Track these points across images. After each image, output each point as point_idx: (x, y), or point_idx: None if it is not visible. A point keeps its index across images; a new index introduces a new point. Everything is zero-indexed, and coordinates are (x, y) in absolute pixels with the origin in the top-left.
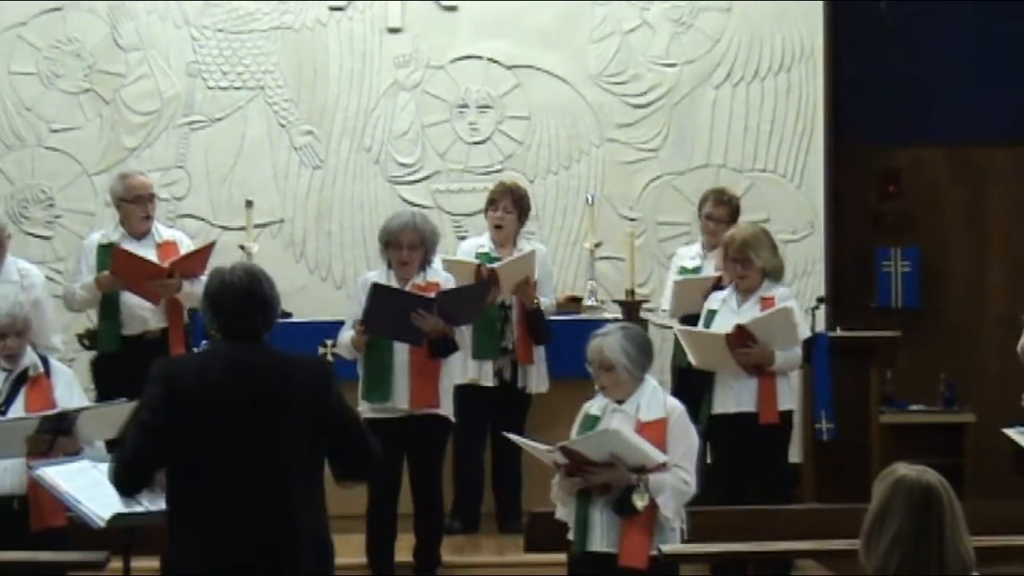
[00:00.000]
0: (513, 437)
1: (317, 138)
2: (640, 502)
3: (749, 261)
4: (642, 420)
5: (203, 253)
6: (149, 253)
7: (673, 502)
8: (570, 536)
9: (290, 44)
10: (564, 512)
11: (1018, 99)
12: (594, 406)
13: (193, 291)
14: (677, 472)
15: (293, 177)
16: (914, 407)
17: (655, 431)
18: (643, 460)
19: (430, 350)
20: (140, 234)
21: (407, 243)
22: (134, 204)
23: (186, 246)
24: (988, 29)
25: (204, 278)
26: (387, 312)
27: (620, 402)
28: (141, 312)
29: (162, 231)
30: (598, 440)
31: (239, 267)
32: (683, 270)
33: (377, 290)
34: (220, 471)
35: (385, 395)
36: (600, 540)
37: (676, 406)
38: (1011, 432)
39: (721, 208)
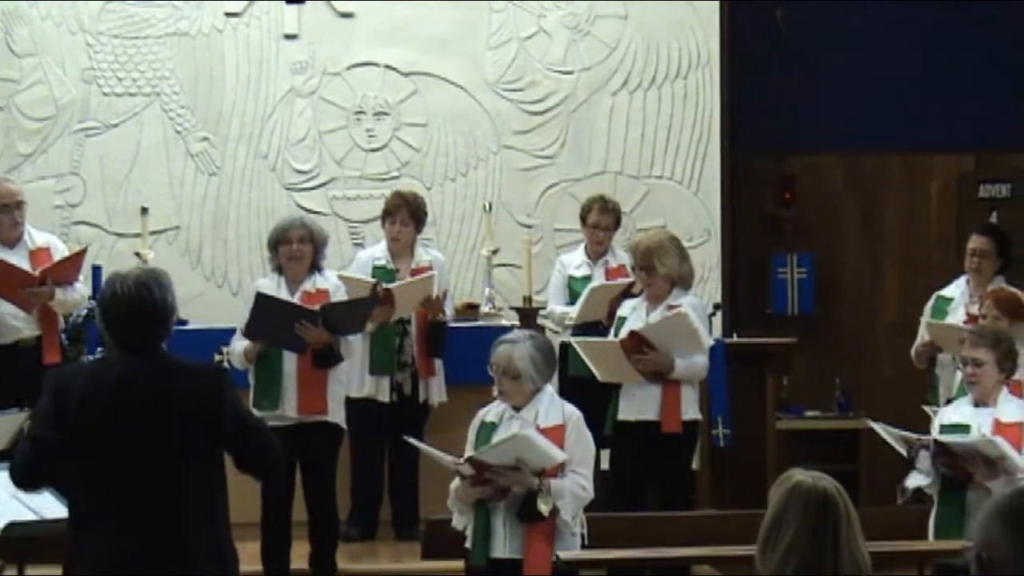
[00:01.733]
0: (420, 445)
1: (213, 145)
2: (545, 506)
3: (653, 269)
4: (541, 426)
5: (75, 260)
6: (22, 259)
7: (572, 507)
8: (467, 545)
9: (186, 50)
10: (461, 520)
11: (911, 107)
12: (490, 413)
13: (66, 298)
14: (575, 478)
15: (189, 184)
16: (810, 413)
17: (553, 437)
18: (546, 462)
19: (314, 360)
20: (11, 241)
21: (297, 237)
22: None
23: (60, 252)
24: (882, 38)
25: (79, 285)
26: (270, 321)
27: (518, 409)
28: (14, 322)
29: (35, 237)
30: (506, 447)
31: (132, 275)
32: (573, 280)
33: (260, 300)
34: (112, 483)
35: (275, 403)
36: (503, 547)
37: (573, 412)
38: (877, 426)
39: (607, 216)
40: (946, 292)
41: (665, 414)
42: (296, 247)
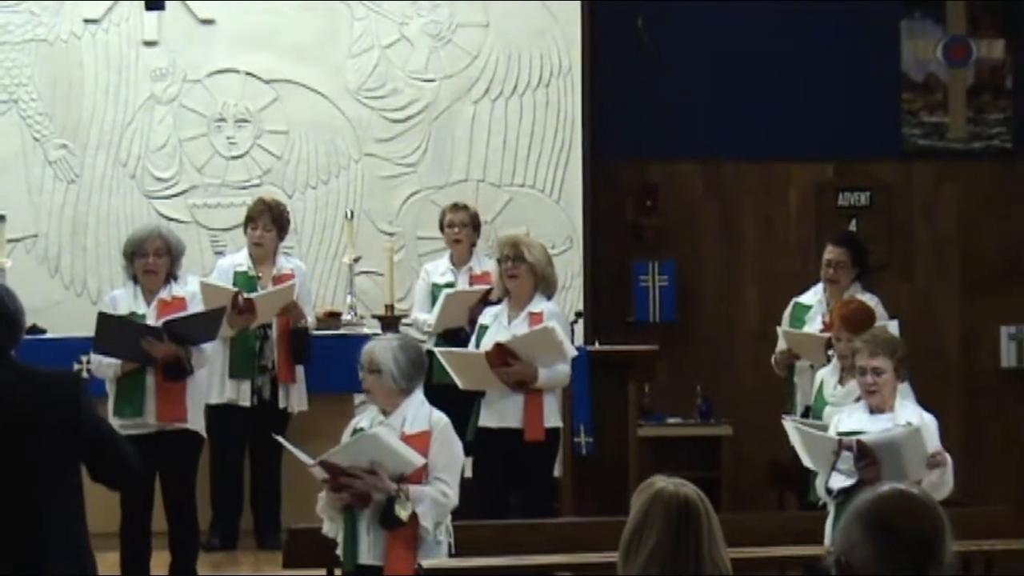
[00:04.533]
0: (286, 443)
1: (72, 152)
2: (403, 512)
3: (521, 257)
4: (407, 433)
5: None
6: None
7: (432, 513)
8: (338, 552)
9: (44, 57)
10: (331, 527)
11: (770, 115)
12: (361, 420)
13: None
14: (437, 484)
15: (47, 191)
16: (671, 420)
17: (419, 443)
18: (402, 466)
19: (164, 374)
20: None
21: (153, 250)
22: None
23: None
24: (741, 48)
25: None
26: (115, 339)
27: (387, 414)
28: None
29: None
30: (357, 447)
31: None
32: (436, 287)
33: (102, 319)
34: None
35: (138, 410)
36: (367, 554)
37: (441, 419)
38: (789, 426)
39: (460, 212)
40: (803, 299)
41: (528, 422)
42: (152, 260)
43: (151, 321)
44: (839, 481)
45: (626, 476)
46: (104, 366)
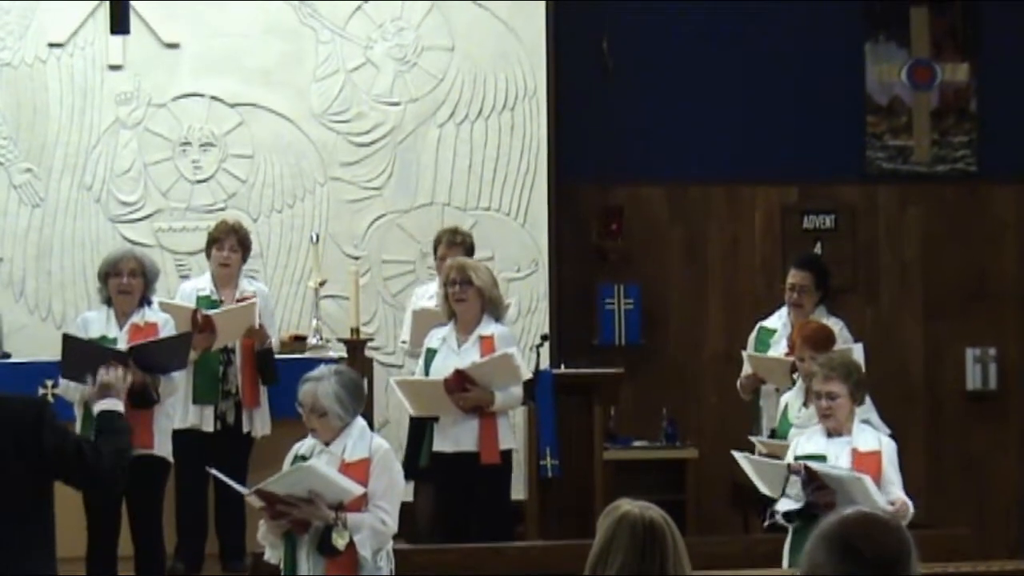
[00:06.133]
0: (218, 474)
1: (37, 176)
2: (340, 540)
3: (468, 281)
4: (347, 460)
5: None
6: None
7: (371, 541)
8: None
9: (9, 80)
10: (272, 554)
11: (734, 138)
12: (303, 447)
13: None
14: (376, 512)
15: (12, 215)
16: (637, 443)
17: (359, 471)
18: (340, 495)
19: (130, 401)
20: None
21: (128, 270)
22: None
23: None
24: (706, 72)
25: None
26: (81, 361)
27: (328, 443)
28: None
29: None
30: (293, 478)
31: None
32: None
33: (67, 341)
34: None
35: None
36: None
37: (381, 446)
38: (741, 458)
39: (455, 249)
40: (768, 323)
41: (483, 445)
42: (126, 280)
43: (122, 345)
44: (786, 504)
45: (592, 499)
46: (71, 389)
